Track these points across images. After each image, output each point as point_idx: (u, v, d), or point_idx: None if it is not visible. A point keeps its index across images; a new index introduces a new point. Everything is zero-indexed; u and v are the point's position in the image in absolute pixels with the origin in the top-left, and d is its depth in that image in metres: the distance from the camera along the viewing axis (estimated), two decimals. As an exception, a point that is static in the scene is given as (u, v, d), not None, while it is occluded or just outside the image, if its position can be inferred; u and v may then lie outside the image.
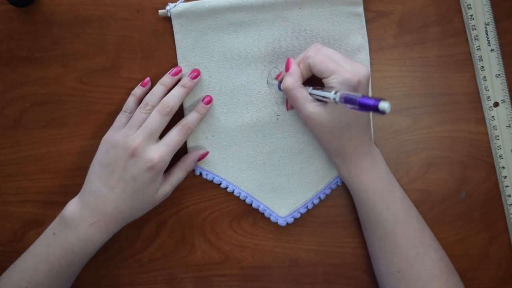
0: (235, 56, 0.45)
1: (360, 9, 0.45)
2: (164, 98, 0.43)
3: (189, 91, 0.44)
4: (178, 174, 0.44)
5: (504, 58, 0.46)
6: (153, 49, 0.46)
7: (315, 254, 0.48)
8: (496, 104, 0.46)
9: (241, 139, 0.46)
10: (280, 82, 0.43)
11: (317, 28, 0.45)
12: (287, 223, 0.47)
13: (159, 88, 0.43)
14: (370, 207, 0.42)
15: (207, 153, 0.46)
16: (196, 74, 0.44)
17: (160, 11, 0.45)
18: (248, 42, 0.45)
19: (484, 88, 0.46)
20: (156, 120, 0.41)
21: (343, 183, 0.47)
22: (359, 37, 0.45)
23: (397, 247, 0.41)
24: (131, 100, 0.44)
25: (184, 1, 0.44)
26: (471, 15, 0.46)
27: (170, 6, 0.44)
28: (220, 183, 0.47)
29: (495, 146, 0.47)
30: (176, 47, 0.45)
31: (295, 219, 0.47)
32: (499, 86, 0.46)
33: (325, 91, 0.38)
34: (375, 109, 0.31)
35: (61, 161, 0.47)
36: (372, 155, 0.42)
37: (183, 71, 0.45)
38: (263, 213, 0.47)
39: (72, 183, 0.47)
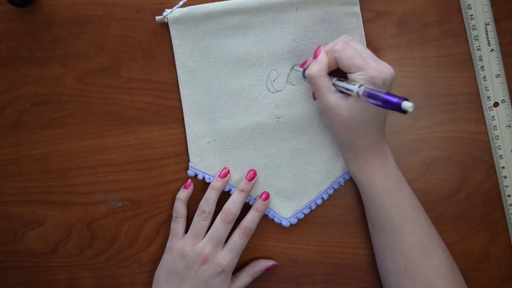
0: (234, 60, 0.45)
1: (357, 9, 0.45)
2: (226, 206, 0.44)
3: (248, 194, 0.45)
4: (245, 279, 0.46)
5: (504, 58, 0.46)
6: (153, 49, 0.46)
7: (315, 254, 0.48)
8: (496, 104, 0.46)
9: (242, 142, 0.46)
10: (305, 70, 0.43)
11: (315, 29, 0.45)
12: (290, 224, 0.47)
13: (211, 194, 0.45)
14: (379, 203, 0.42)
15: (275, 265, 0.47)
16: (252, 175, 0.46)
17: (157, 18, 0.45)
18: (246, 45, 0.45)
19: (484, 88, 0.46)
20: (221, 228, 0.44)
21: (344, 183, 0.47)
22: (357, 37, 0.45)
23: (405, 245, 0.41)
24: (178, 205, 0.46)
25: (181, 6, 0.44)
26: (471, 15, 0.46)
27: (167, 12, 0.44)
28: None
29: (495, 146, 0.47)
30: (174, 53, 0.45)
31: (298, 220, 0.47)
32: (499, 86, 0.46)
33: (349, 83, 0.38)
34: (398, 107, 0.30)
35: (61, 161, 0.47)
36: (383, 152, 0.42)
37: (182, 77, 0.45)
38: (267, 215, 0.47)
39: (72, 183, 0.47)
